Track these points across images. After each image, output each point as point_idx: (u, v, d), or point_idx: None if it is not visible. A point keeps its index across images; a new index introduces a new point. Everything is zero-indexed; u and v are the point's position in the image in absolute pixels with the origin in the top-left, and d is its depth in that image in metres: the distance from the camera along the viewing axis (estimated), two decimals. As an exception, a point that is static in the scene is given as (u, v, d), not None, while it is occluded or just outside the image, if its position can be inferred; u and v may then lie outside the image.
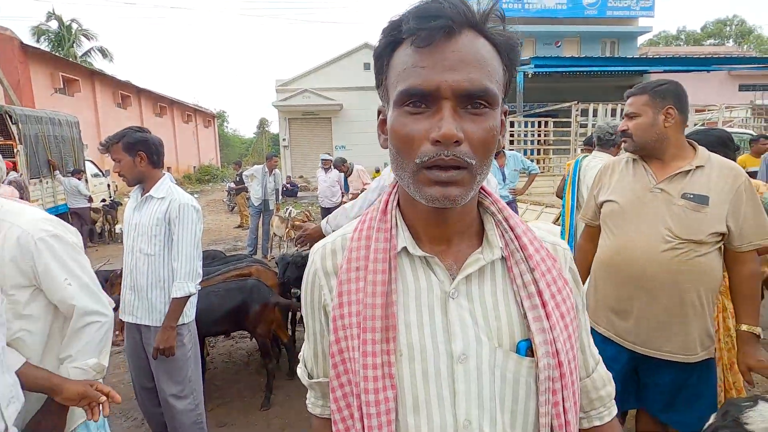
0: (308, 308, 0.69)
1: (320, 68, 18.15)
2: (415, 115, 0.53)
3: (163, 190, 2.03)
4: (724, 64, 13.00)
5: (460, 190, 0.53)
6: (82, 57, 21.17)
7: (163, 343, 1.98)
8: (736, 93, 18.50)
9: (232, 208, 12.70)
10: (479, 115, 0.53)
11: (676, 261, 1.46)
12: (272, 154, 7.48)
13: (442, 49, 0.52)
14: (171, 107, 23.37)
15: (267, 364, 2.99)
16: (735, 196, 1.45)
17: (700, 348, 1.51)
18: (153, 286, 2.04)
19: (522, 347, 0.59)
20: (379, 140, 0.64)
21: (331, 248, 0.67)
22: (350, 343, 0.60)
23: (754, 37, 37.80)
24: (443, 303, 0.60)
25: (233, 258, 3.89)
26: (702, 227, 1.44)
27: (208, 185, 22.64)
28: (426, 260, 0.61)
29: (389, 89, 0.57)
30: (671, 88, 1.54)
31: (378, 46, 0.58)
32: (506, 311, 0.60)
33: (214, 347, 3.86)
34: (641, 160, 1.60)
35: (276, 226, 6.85)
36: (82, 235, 7.60)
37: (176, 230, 2.00)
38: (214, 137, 31.46)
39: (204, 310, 2.80)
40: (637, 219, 1.54)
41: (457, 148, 0.51)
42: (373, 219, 0.64)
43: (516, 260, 0.61)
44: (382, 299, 0.58)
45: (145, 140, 2.01)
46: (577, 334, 0.64)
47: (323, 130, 18.49)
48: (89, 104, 16.30)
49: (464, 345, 0.58)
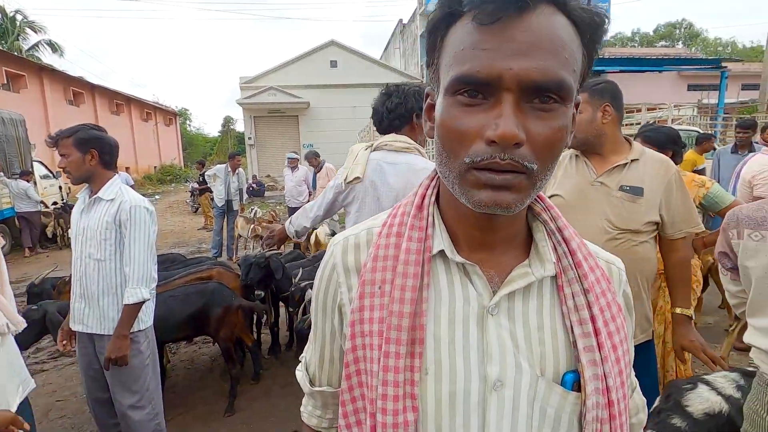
0: (320, 306, 0.61)
1: (286, 65, 17.84)
2: (470, 106, 0.45)
3: (113, 191, 1.93)
4: (674, 64, 13.74)
5: (515, 197, 0.45)
6: (28, 51, 19.88)
7: (116, 352, 1.88)
8: (685, 92, 19.59)
9: (195, 209, 12.30)
10: (548, 112, 0.44)
11: (616, 250, 1.53)
12: (235, 153, 7.31)
13: (511, 28, 0.42)
14: (128, 105, 22.35)
15: (231, 369, 2.92)
16: (666, 187, 1.55)
17: (639, 331, 1.61)
18: (104, 293, 1.94)
19: (568, 380, 0.51)
20: (424, 127, 0.56)
21: (354, 242, 0.58)
22: (369, 354, 0.52)
23: (701, 39, 40.22)
24: (480, 319, 0.52)
25: (194, 261, 3.77)
26: (638, 217, 1.53)
27: (170, 186, 21.84)
28: (464, 268, 0.53)
29: (441, 72, 0.48)
30: (608, 87, 1.62)
31: (432, 18, 0.48)
32: (552, 336, 0.52)
33: (175, 353, 3.73)
34: (582, 155, 1.68)
35: (241, 227, 6.69)
36: (32, 239, 7.13)
37: (127, 233, 1.90)
38: (176, 136, 30.35)
39: (163, 316, 2.69)
40: (580, 211, 1.60)
41: (517, 151, 0.43)
42: (406, 214, 0.55)
43: (569, 279, 0.53)
44: (411, 307, 0.50)
45: (100, 138, 1.92)
46: (629, 370, 0.56)
47: (290, 128, 18.19)
48: (37, 101, 15.33)
49: (501, 370, 0.50)
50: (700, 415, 1.31)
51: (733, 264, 1.20)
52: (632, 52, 24.02)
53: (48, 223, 8.52)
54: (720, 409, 1.31)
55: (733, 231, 1.17)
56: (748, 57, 29.32)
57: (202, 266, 3.37)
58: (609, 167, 1.60)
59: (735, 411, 1.28)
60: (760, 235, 1.09)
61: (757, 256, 1.10)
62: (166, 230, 10.36)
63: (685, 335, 1.59)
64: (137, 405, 2.04)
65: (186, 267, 3.48)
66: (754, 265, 1.11)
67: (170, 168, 24.93)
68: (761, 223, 1.10)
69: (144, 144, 23.33)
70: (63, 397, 3.10)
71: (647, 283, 1.60)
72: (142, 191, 17.88)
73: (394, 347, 0.50)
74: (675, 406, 1.34)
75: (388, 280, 0.52)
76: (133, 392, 2.03)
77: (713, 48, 39.32)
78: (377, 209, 1.68)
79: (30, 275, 5.15)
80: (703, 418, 1.30)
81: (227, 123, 36.54)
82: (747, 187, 3.09)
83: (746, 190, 3.10)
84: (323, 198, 1.93)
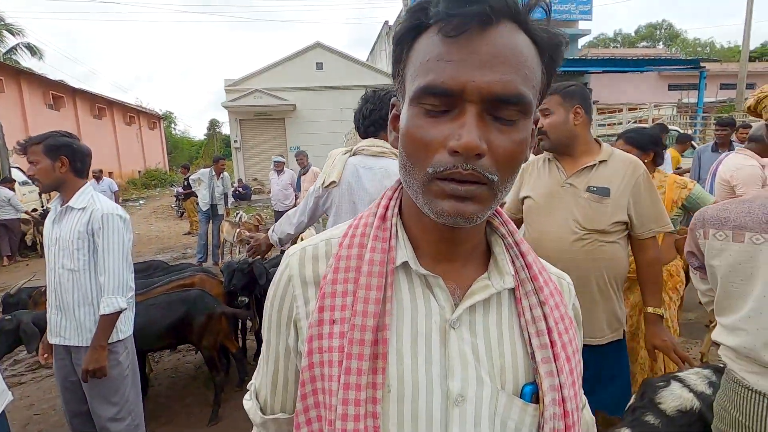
0: (273, 323, 0.57)
1: (271, 67, 17.73)
2: (434, 117, 0.46)
3: (84, 200, 1.89)
4: (655, 65, 14.04)
5: (477, 208, 0.46)
6: (6, 54, 19.40)
7: (93, 363, 1.83)
8: (666, 92, 20.00)
9: (180, 214, 12.14)
10: (509, 125, 0.45)
11: (583, 250, 1.56)
12: (219, 157, 7.23)
13: (476, 41, 0.43)
14: (111, 108, 21.97)
15: (215, 377, 2.88)
16: (634, 187, 1.57)
17: (609, 330, 1.62)
18: (80, 304, 1.89)
19: (527, 392, 0.52)
20: (389, 137, 0.56)
21: (312, 253, 0.56)
22: (328, 371, 0.49)
23: (680, 40, 41.10)
24: (443, 333, 0.51)
25: (176, 267, 3.71)
26: (604, 218, 1.55)
27: (155, 190, 21.51)
28: (426, 280, 0.53)
29: (407, 82, 0.49)
30: (578, 89, 1.64)
31: (399, 29, 0.49)
32: (511, 349, 0.53)
33: (158, 362, 3.67)
34: (554, 158, 1.70)
35: (226, 232, 6.61)
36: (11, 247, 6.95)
37: (101, 242, 1.85)
38: (160, 140, 29.94)
39: (144, 325, 2.65)
40: (549, 212, 1.63)
41: (478, 162, 0.44)
42: (368, 225, 0.55)
43: (526, 291, 0.54)
44: (373, 321, 0.49)
45: (70, 145, 1.87)
46: (580, 381, 0.57)
47: (276, 131, 18.08)
48: (15, 106, 14.98)
49: (462, 385, 0.50)
50: (672, 412, 1.33)
51: (701, 263, 1.23)
52: (614, 53, 24.44)
53: (27, 230, 8.32)
54: (692, 406, 1.33)
55: (699, 231, 1.19)
56: (725, 57, 30.06)
57: (184, 273, 3.32)
58: (578, 168, 1.62)
59: (706, 407, 1.31)
60: (724, 235, 1.12)
61: (722, 255, 1.12)
62: (150, 236, 10.21)
63: (657, 334, 1.61)
64: (117, 417, 1.99)
65: (168, 274, 3.43)
66: (718, 264, 1.14)
67: (155, 172, 24.56)
68: (725, 222, 1.12)
69: (127, 148, 22.96)
70: (41, 410, 3.03)
71: (616, 282, 1.62)
72: (126, 196, 17.60)
73: (356, 363, 0.48)
74: (649, 403, 1.37)
75: (350, 292, 0.51)
76: (112, 404, 1.98)
77: (692, 48, 40.23)
78: (353, 213, 1.69)
79: (8, 284, 5.02)
80: (675, 415, 1.32)
81: (213, 126, 36.16)
82: (726, 186, 3.13)
83: (724, 189, 3.14)
84: (305, 204, 1.93)
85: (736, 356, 1.11)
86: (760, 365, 1.06)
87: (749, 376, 1.08)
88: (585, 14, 18.50)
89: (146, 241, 9.62)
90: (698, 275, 1.30)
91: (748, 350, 1.06)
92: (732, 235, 1.10)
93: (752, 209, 1.08)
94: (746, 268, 1.07)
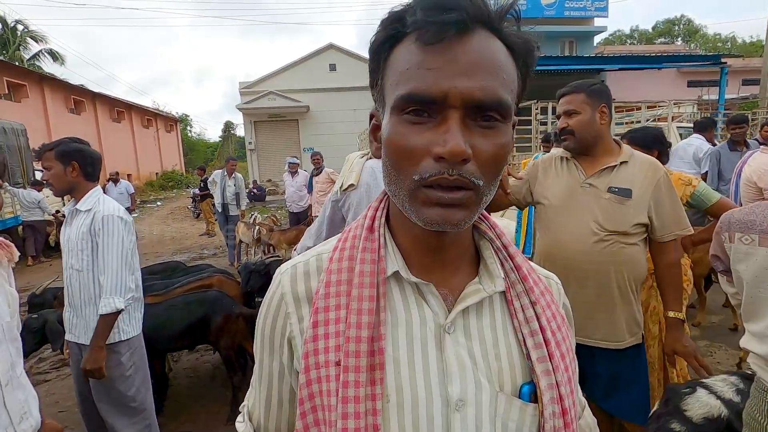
0: (266, 342, 0.56)
1: (285, 69, 17.89)
2: (417, 124, 0.46)
3: (90, 202, 1.95)
4: (673, 61, 13.71)
5: (464, 213, 0.46)
6: (30, 60, 20.00)
7: (91, 363, 1.85)
8: (685, 89, 19.52)
9: (197, 215, 12.33)
10: (491, 129, 0.46)
11: (604, 252, 1.54)
12: (230, 158, 7.33)
13: (454, 49, 0.44)
14: (129, 112, 22.43)
15: (232, 377, 2.91)
16: (655, 189, 1.54)
17: (628, 334, 1.59)
18: (87, 303, 1.96)
19: (525, 392, 0.52)
20: (371, 148, 0.56)
21: (303, 269, 0.56)
22: (326, 387, 0.49)
23: (700, 36, 40.11)
24: (438, 339, 0.51)
25: (194, 269, 3.77)
26: (626, 219, 1.52)
27: (172, 192, 21.89)
28: (419, 288, 0.53)
29: (386, 91, 0.49)
30: (603, 88, 1.62)
31: (375, 39, 0.49)
32: (507, 350, 0.53)
33: (177, 361, 3.73)
34: (573, 157, 1.66)
35: (242, 233, 6.69)
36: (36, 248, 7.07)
37: (101, 243, 1.91)
38: (177, 142, 30.44)
39: (163, 325, 2.71)
40: (569, 213, 1.60)
41: (464, 167, 0.44)
42: (357, 237, 0.55)
43: (517, 293, 0.54)
44: (368, 332, 0.49)
45: (80, 151, 1.95)
46: (576, 378, 0.57)
47: (290, 132, 18.22)
48: (38, 110, 15.41)
49: (462, 389, 0.50)
50: (699, 420, 1.30)
51: (726, 267, 1.20)
52: (631, 50, 24.00)
53: (51, 231, 8.54)
54: (719, 414, 1.30)
55: (725, 234, 1.16)
56: (748, 52, 29.21)
57: (202, 274, 3.38)
58: (599, 169, 1.59)
59: (734, 415, 1.27)
60: (750, 239, 1.09)
61: (748, 260, 1.09)
62: (167, 236, 10.40)
63: (677, 339, 1.58)
64: (124, 417, 2.03)
65: (186, 275, 3.49)
66: (744, 269, 1.11)
67: (172, 174, 24.99)
68: (751, 226, 1.09)
69: (145, 151, 23.41)
70: (66, 408, 3.11)
71: (636, 285, 1.59)
72: (144, 198, 17.95)
73: (353, 376, 0.48)
74: (674, 410, 1.33)
75: (343, 305, 0.51)
76: (119, 404, 2.02)
77: (713, 44, 39.20)
78: None
79: (33, 284, 5.17)
80: (702, 422, 1.29)
81: (228, 128, 36.65)
82: (752, 188, 3.03)
83: (751, 189, 3.04)
84: (323, 213, 1.93)
85: (766, 364, 1.08)
86: None
87: None
88: (601, 11, 18.18)
89: (164, 241, 9.80)
90: (725, 278, 1.27)
91: None
92: (759, 239, 1.07)
93: None
94: None
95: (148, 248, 9.04)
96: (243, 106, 17.33)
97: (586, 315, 1.57)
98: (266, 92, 17.18)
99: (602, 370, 1.61)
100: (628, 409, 1.60)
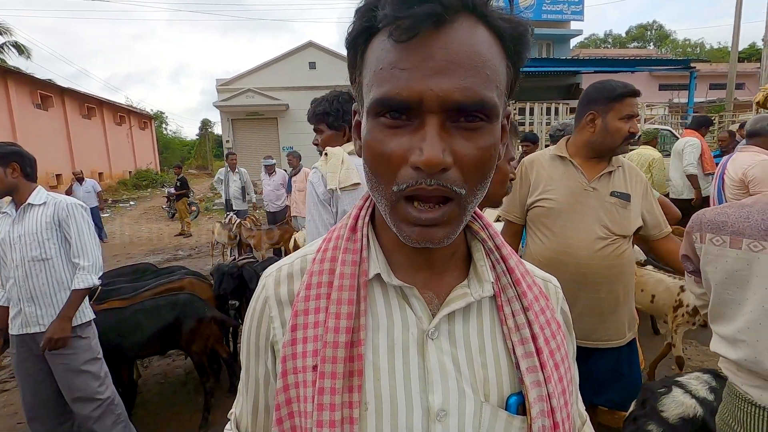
0: (252, 347, 0.54)
1: (264, 67, 17.60)
2: (394, 128, 0.42)
3: (42, 196, 2.06)
4: (646, 65, 14.13)
5: (445, 231, 0.43)
6: (-8, 53, 19.08)
7: (59, 332, 1.95)
8: (657, 92, 20.18)
9: (172, 215, 11.99)
10: (474, 131, 0.42)
11: (611, 255, 1.57)
12: (231, 152, 7.39)
13: (429, 45, 0.40)
14: (100, 108, 21.65)
15: (205, 382, 2.81)
16: (645, 193, 1.62)
17: (628, 330, 1.65)
18: (57, 290, 2.04)
19: (512, 403, 0.49)
20: (354, 146, 0.52)
21: (287, 272, 0.54)
22: (302, 392, 0.47)
23: (670, 41, 41.56)
24: (421, 345, 0.49)
25: (165, 270, 3.63)
26: (629, 222, 1.57)
27: (146, 191, 21.25)
28: (402, 291, 0.50)
29: (363, 90, 0.45)
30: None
31: (350, 32, 0.45)
32: (494, 358, 0.50)
33: (147, 368, 3.59)
34: (571, 158, 1.64)
35: (218, 233, 6.52)
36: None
37: (72, 228, 2.04)
38: (151, 140, 29.60)
39: (132, 331, 2.59)
40: (575, 216, 1.59)
41: (444, 175, 0.41)
42: (340, 238, 0.52)
43: (508, 297, 0.51)
44: (347, 336, 0.46)
45: (19, 152, 2.04)
46: (571, 388, 0.54)
47: (269, 130, 17.95)
48: (2, 105, 14.71)
49: (443, 398, 0.47)
50: (675, 420, 1.30)
51: (696, 267, 1.19)
52: (606, 53, 24.61)
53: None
54: (694, 413, 1.30)
55: (696, 234, 1.15)
56: (715, 58, 30.41)
57: (173, 276, 3.25)
58: (599, 173, 1.60)
59: (708, 414, 1.28)
60: (721, 240, 1.08)
61: (718, 261, 1.08)
62: (141, 237, 10.06)
63: None
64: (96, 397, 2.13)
65: (157, 277, 3.35)
66: (713, 270, 1.10)
67: (146, 173, 24.25)
68: (722, 227, 1.08)
69: (118, 149, 22.65)
70: (24, 420, 2.94)
71: (632, 284, 1.67)
72: (117, 197, 17.36)
73: (329, 382, 0.45)
74: (651, 411, 1.33)
75: (322, 308, 0.48)
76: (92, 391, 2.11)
77: (683, 49, 40.67)
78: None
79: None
80: (678, 422, 1.29)
81: (205, 126, 35.84)
82: (738, 186, 3.03)
83: (737, 188, 3.04)
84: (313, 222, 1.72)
85: (738, 369, 1.07)
86: (763, 378, 1.02)
87: (752, 390, 1.04)
88: (577, 15, 18.58)
89: (136, 242, 9.48)
90: (693, 279, 1.27)
91: (751, 363, 1.02)
92: (729, 240, 1.06)
93: (751, 215, 1.04)
94: (742, 275, 1.03)
95: (119, 249, 8.73)
96: (220, 104, 16.97)
97: (599, 319, 1.60)
98: (244, 90, 16.86)
99: (599, 368, 1.64)
100: (621, 401, 1.63)
